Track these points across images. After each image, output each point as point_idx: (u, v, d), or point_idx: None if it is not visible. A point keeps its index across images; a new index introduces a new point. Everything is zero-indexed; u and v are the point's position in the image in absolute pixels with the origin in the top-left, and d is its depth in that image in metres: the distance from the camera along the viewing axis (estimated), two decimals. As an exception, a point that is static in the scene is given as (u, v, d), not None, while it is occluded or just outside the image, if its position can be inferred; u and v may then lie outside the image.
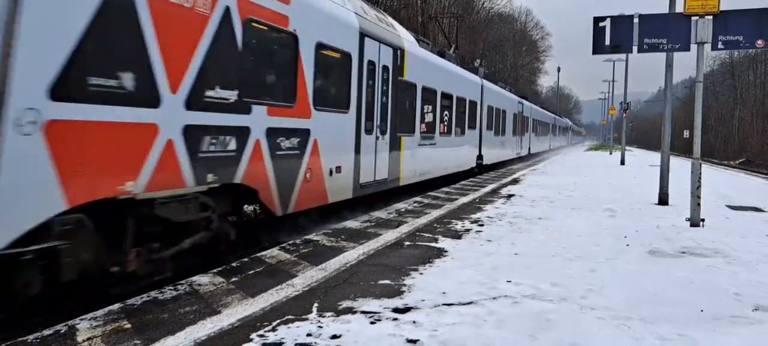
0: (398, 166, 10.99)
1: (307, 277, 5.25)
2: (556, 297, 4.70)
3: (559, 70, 75.66)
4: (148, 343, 3.67)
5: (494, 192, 13.13)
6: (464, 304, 4.49)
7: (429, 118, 12.87)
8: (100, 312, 4.28)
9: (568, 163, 26.99)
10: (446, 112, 14.43)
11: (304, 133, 7.36)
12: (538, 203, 11.00)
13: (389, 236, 7.35)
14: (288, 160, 7.03)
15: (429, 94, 12.76)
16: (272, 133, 6.61)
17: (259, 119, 6.32)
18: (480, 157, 18.96)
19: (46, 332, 3.88)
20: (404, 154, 11.23)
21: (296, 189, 7.26)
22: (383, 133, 10.09)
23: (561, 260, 6.09)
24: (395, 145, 10.75)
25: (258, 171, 6.38)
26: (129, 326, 4.02)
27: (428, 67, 12.75)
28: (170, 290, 4.90)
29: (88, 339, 3.76)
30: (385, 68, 10.09)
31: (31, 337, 3.80)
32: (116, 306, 4.43)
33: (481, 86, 18.90)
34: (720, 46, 8.68)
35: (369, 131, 9.46)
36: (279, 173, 6.79)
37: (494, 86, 21.98)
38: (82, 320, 4.10)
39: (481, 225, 8.29)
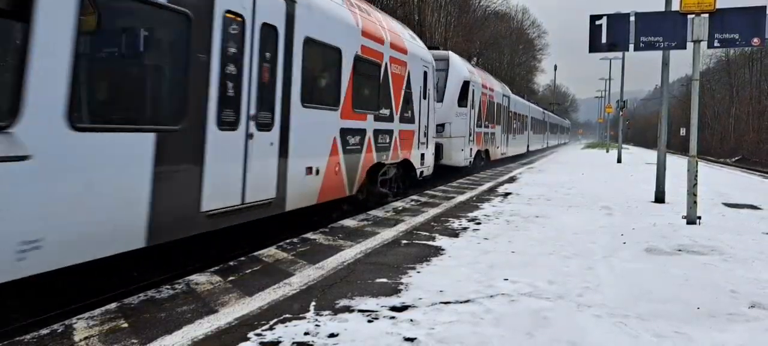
0: None
1: (305, 276, 5.25)
2: (552, 295, 4.72)
3: (555, 68, 75.67)
4: (145, 342, 3.67)
5: (491, 190, 13.15)
6: (461, 302, 4.50)
7: None
8: (97, 311, 4.27)
9: (565, 162, 27.04)
10: None
11: None
12: (534, 201, 11.02)
13: (386, 234, 7.36)
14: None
15: None
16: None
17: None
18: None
19: (43, 331, 3.87)
20: None
21: None
22: None
23: (558, 258, 6.11)
24: None
25: None
26: (126, 325, 4.02)
27: None
28: (167, 289, 4.89)
29: (85, 338, 3.76)
30: None
31: (27, 336, 3.79)
32: (113, 305, 4.42)
33: None
34: (716, 44, 8.69)
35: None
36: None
37: None
38: (78, 319, 4.09)
39: (479, 223, 8.31)
